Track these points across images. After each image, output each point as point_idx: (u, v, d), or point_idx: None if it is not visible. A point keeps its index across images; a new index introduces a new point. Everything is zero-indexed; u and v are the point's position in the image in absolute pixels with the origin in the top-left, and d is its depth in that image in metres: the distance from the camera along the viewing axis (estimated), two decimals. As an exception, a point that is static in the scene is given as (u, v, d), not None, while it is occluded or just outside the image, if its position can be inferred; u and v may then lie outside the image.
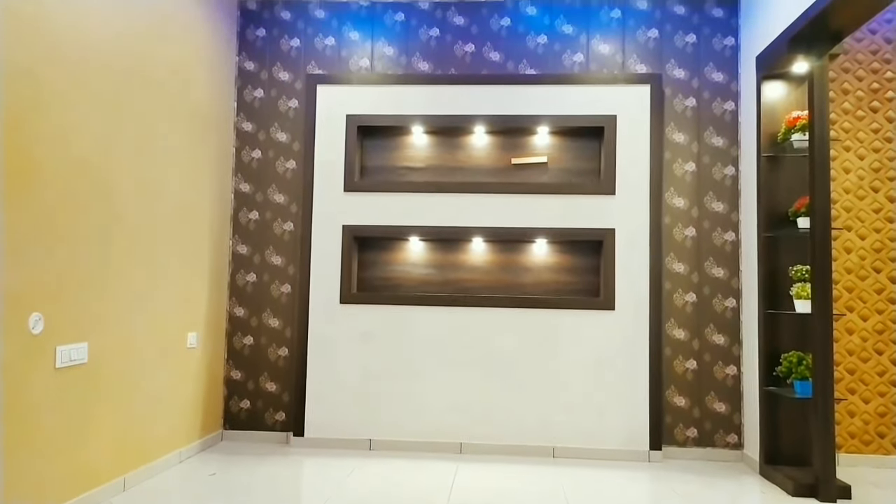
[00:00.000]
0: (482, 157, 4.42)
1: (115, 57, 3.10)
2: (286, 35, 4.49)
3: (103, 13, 3.01)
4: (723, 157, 4.22)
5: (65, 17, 2.74)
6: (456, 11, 4.41)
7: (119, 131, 3.15)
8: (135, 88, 3.28)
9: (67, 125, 2.77)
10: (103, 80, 3.02)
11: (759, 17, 3.93)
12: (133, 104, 3.26)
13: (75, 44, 2.81)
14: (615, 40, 4.31)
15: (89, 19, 2.90)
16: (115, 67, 3.11)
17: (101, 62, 2.99)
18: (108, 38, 3.05)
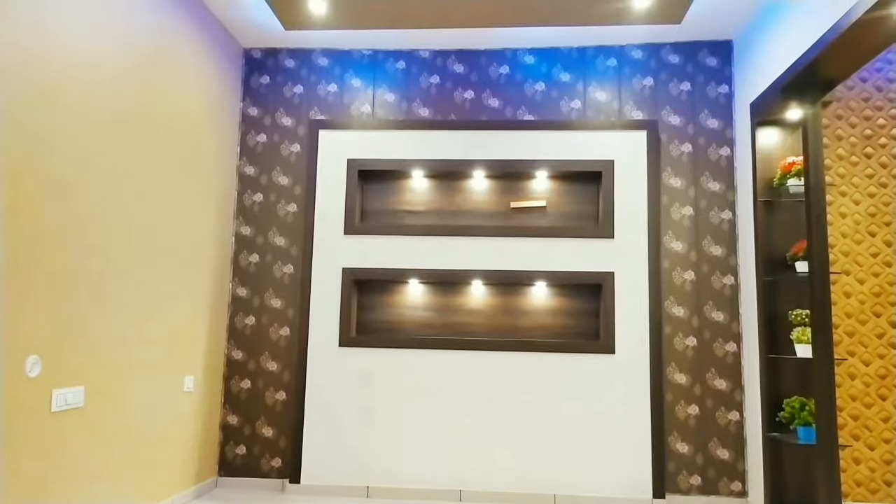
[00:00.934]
0: (482, 200, 4.46)
1: (119, 103, 3.16)
2: (290, 82, 4.59)
3: (110, 59, 3.08)
4: (720, 202, 4.26)
5: (68, 65, 2.80)
6: (456, 59, 4.52)
7: (121, 177, 3.19)
8: (138, 134, 3.33)
9: (68, 172, 2.81)
10: (107, 126, 3.07)
11: (751, 66, 4.02)
12: (136, 149, 3.31)
13: (78, 91, 2.87)
14: (611, 88, 4.40)
15: (94, 66, 2.97)
16: (120, 113, 3.17)
17: (105, 109, 3.05)
18: (114, 84, 3.12)
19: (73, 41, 2.79)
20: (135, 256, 3.30)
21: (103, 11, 3.00)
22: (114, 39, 3.08)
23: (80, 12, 2.83)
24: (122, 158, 3.18)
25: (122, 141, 3.17)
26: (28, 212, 2.54)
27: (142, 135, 3.35)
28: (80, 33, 2.83)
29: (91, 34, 2.91)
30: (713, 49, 4.36)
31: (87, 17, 2.88)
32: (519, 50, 4.48)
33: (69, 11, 2.76)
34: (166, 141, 3.59)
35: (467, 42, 4.42)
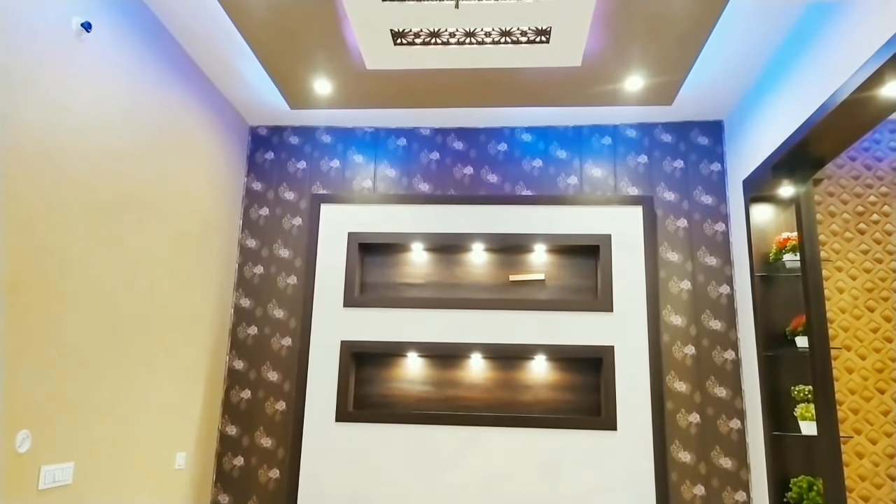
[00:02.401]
0: (481, 273, 4.49)
1: (125, 176, 3.24)
2: (293, 158, 4.71)
3: (118, 134, 3.17)
4: (717, 276, 4.29)
5: (75, 140, 2.88)
6: (455, 137, 4.66)
7: (122, 248, 3.23)
8: (141, 208, 3.39)
9: (68, 245, 2.84)
10: (111, 199, 3.13)
11: (742, 144, 4.14)
12: (138, 223, 3.36)
13: (84, 165, 2.94)
14: (607, 165, 4.52)
15: (101, 141, 3.06)
16: (124, 187, 3.24)
17: (110, 183, 3.12)
18: (120, 158, 3.20)
19: (83, 117, 2.89)
20: (131, 329, 3.29)
21: (115, 88, 3.12)
22: (122, 115, 3.19)
23: (91, 89, 2.94)
24: (123, 231, 3.22)
25: (124, 214, 3.23)
26: (25, 284, 2.56)
27: (145, 209, 3.41)
28: (89, 109, 2.93)
29: (100, 110, 3.01)
30: (704, 129, 4.50)
31: (98, 93, 2.99)
32: (517, 128, 4.62)
33: (80, 88, 2.87)
34: (169, 214, 3.66)
35: (467, 121, 4.57)
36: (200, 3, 3.25)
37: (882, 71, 2.54)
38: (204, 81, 4.01)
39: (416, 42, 3.40)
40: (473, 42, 3.40)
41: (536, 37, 3.34)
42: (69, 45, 2.76)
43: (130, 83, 3.24)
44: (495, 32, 3.31)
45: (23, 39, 2.49)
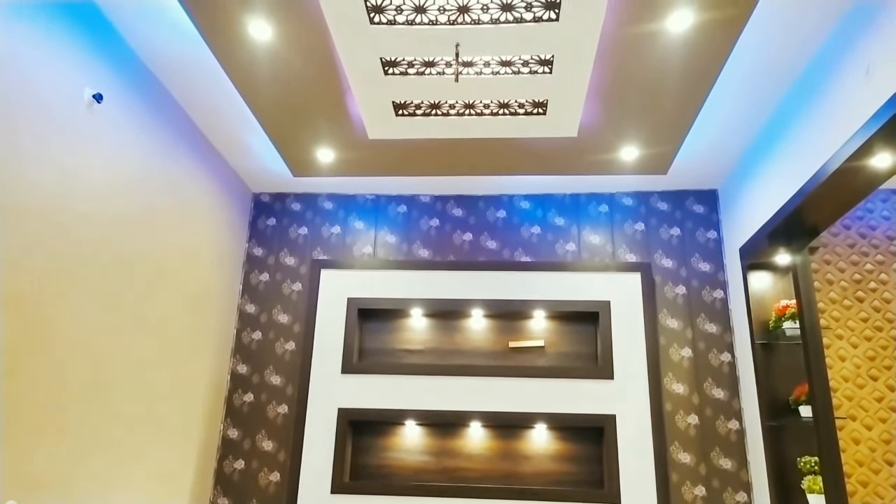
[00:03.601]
0: (480, 340, 4.46)
1: (128, 241, 3.27)
2: (295, 224, 4.77)
3: (124, 199, 3.22)
4: (718, 344, 4.26)
5: (83, 204, 2.93)
6: (455, 204, 4.73)
7: (120, 316, 3.22)
8: (143, 272, 3.41)
9: (67, 312, 2.84)
10: (113, 263, 3.15)
11: (737, 213, 4.20)
12: (138, 289, 3.37)
13: (89, 230, 2.98)
14: (604, 232, 4.57)
15: (107, 206, 3.10)
16: (127, 252, 3.26)
17: (114, 246, 3.15)
18: (125, 222, 3.24)
19: (91, 183, 2.94)
20: (125, 397, 3.24)
21: (122, 155, 3.19)
22: (129, 182, 3.25)
23: (99, 157, 3.01)
24: (123, 296, 3.23)
25: (126, 280, 3.24)
26: (23, 349, 2.55)
27: (146, 275, 3.43)
28: (97, 176, 2.99)
29: (108, 176, 3.07)
30: (699, 197, 4.58)
31: (107, 160, 3.06)
32: (515, 196, 4.70)
33: (89, 156, 2.94)
34: (170, 280, 3.67)
35: (466, 188, 4.65)
36: (210, 76, 3.37)
37: (871, 142, 2.61)
38: (210, 150, 4.11)
39: (417, 113, 3.51)
40: (473, 113, 3.50)
41: (533, 109, 3.44)
42: (80, 115, 2.85)
43: (138, 151, 3.31)
44: (494, 104, 3.42)
45: (36, 109, 2.57)
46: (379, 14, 2.71)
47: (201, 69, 3.31)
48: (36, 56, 2.58)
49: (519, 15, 2.69)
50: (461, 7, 2.66)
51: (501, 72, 3.11)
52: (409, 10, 2.68)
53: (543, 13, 2.68)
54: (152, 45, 3.19)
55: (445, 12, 2.69)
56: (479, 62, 3.05)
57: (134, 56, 3.23)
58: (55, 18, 2.68)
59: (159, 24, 3.01)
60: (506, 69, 3.09)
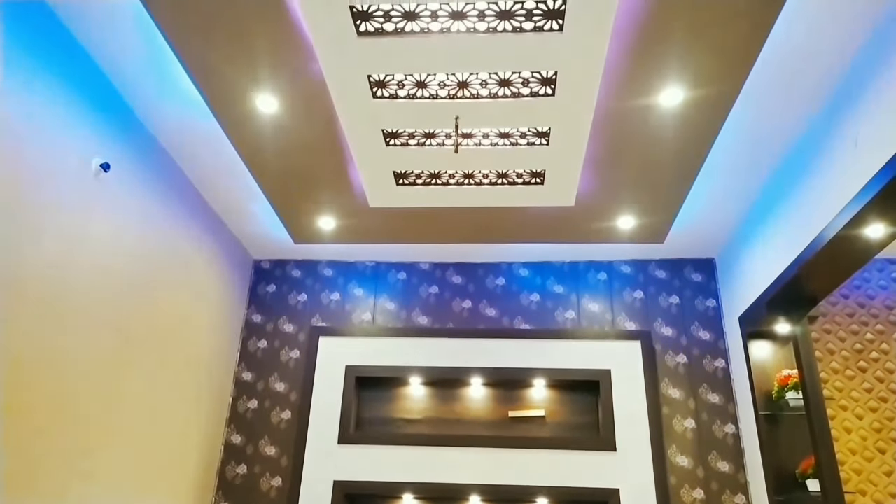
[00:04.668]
0: (479, 409, 4.39)
1: (128, 309, 3.27)
2: (295, 290, 4.77)
3: (125, 267, 3.24)
4: (721, 415, 4.19)
5: (83, 273, 2.94)
6: (454, 271, 4.75)
7: (115, 383, 3.18)
8: (141, 340, 3.39)
9: (63, 378, 2.82)
10: (112, 332, 3.14)
11: (735, 281, 4.22)
12: (134, 355, 3.35)
13: (89, 298, 2.98)
14: (604, 299, 4.57)
15: (109, 273, 3.12)
16: (127, 320, 3.26)
17: (114, 314, 3.15)
18: (125, 290, 3.25)
19: (94, 251, 2.97)
20: (114, 469, 3.16)
21: (127, 223, 3.23)
22: (132, 249, 3.28)
23: (104, 224, 3.05)
24: (120, 362, 3.20)
25: (123, 346, 3.22)
26: (15, 416, 2.51)
27: (144, 340, 3.41)
28: (101, 243, 3.02)
29: (111, 244, 3.10)
30: (697, 266, 4.61)
31: (111, 228, 3.10)
32: (514, 263, 4.73)
33: (94, 224, 2.98)
34: (167, 347, 3.65)
35: (465, 256, 4.69)
36: (215, 146, 3.46)
37: (864, 213, 2.66)
38: (213, 217, 4.16)
39: (417, 182, 3.58)
40: (472, 183, 3.57)
41: (531, 178, 3.52)
42: (87, 184, 2.91)
43: (142, 218, 3.36)
44: (492, 174, 3.49)
45: (43, 177, 2.63)
46: (381, 89, 2.81)
47: (207, 139, 3.40)
48: (47, 125, 2.65)
49: (516, 90, 2.80)
50: (461, 82, 2.76)
51: (500, 143, 3.20)
52: (411, 84, 2.78)
53: (540, 88, 2.78)
54: (160, 116, 3.29)
55: (446, 87, 2.80)
56: (478, 134, 3.14)
57: (141, 126, 3.33)
58: (67, 89, 2.77)
59: (168, 95, 3.11)
60: (504, 141, 3.18)
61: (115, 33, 2.75)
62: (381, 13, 2.41)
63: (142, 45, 2.80)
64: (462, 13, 2.39)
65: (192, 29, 2.55)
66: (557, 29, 2.44)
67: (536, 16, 2.39)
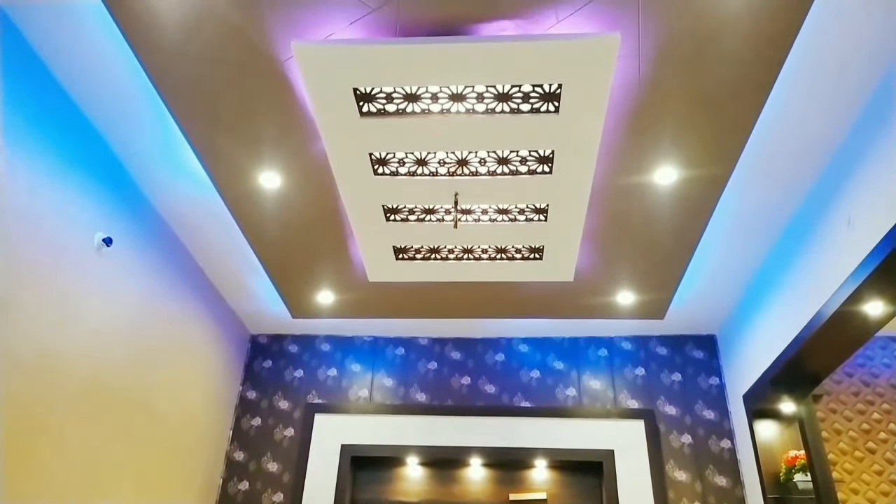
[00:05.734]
0: (479, 491, 4.24)
1: (122, 387, 3.21)
2: (291, 366, 4.71)
3: (121, 344, 3.21)
4: (729, 498, 4.04)
5: (79, 350, 2.92)
6: (453, 347, 4.70)
7: (101, 460, 3.09)
8: (130, 415, 3.31)
9: (55, 453, 2.74)
10: (104, 409, 3.07)
11: (738, 358, 4.17)
12: (125, 431, 3.26)
13: (84, 375, 2.94)
14: (605, 376, 4.50)
15: (105, 351, 3.09)
16: (120, 398, 3.19)
17: (106, 392, 3.09)
18: (119, 368, 3.20)
19: (91, 325, 2.95)
20: (101, 551, 3.03)
21: (126, 297, 3.23)
22: (129, 323, 3.26)
23: (103, 299, 3.04)
24: (107, 438, 3.12)
25: (113, 421, 3.15)
26: (6, 492, 2.42)
27: (136, 417, 3.34)
28: (99, 317, 3.01)
29: (109, 318, 3.09)
30: (698, 342, 4.57)
31: (110, 302, 3.09)
32: (514, 339, 4.69)
33: (93, 298, 2.97)
34: (159, 424, 3.56)
35: (464, 331, 4.65)
36: (217, 220, 3.50)
37: (861, 291, 2.66)
38: (211, 291, 4.16)
39: (416, 257, 3.60)
40: (471, 258, 3.60)
41: (530, 254, 3.54)
42: (88, 258, 2.93)
43: (140, 292, 3.36)
44: (491, 250, 3.52)
45: (44, 251, 2.65)
46: (383, 166, 2.87)
47: (209, 213, 3.45)
48: (51, 198, 2.70)
49: (514, 168, 2.86)
50: (460, 160, 2.83)
51: (498, 219, 3.24)
52: (412, 162, 2.85)
53: (537, 166, 2.84)
54: (164, 190, 3.35)
55: (445, 165, 2.86)
56: (477, 210, 3.19)
57: (145, 199, 3.38)
58: (74, 163, 2.84)
59: (173, 171, 3.18)
60: (503, 216, 3.22)
61: (125, 111, 2.85)
62: (383, 95, 2.50)
63: (150, 123, 2.89)
64: (461, 95, 2.48)
65: (199, 110, 2.64)
66: (554, 111, 2.52)
67: (533, 98, 2.48)
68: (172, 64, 2.45)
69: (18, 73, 2.49)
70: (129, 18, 2.28)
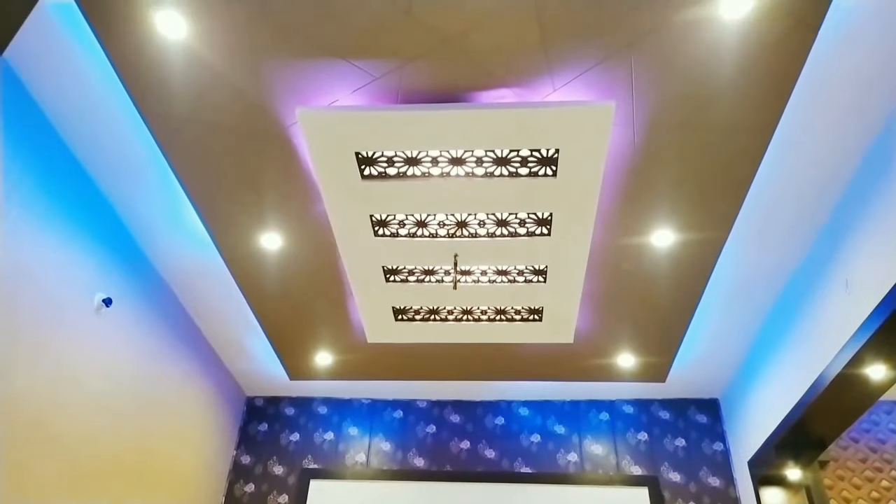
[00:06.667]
0: (478, 563, 4.09)
1: (116, 446, 3.15)
2: (287, 429, 4.62)
3: (116, 402, 3.16)
4: (738, 570, 3.90)
5: (75, 408, 2.88)
6: (452, 410, 4.63)
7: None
8: (121, 478, 3.23)
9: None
10: (97, 470, 3.00)
11: (742, 423, 4.10)
12: (113, 494, 3.18)
13: (78, 434, 2.89)
14: (607, 441, 4.41)
15: (100, 409, 3.04)
16: (112, 454, 3.13)
17: (100, 452, 3.03)
18: (113, 427, 3.14)
19: (87, 386, 2.92)
20: None
21: (124, 358, 3.20)
22: (126, 383, 3.22)
23: (101, 359, 3.02)
24: (97, 501, 3.04)
25: (103, 483, 3.07)
26: (-18, 568, 2.33)
27: (127, 485, 3.25)
28: (96, 378, 2.98)
29: (104, 376, 3.06)
30: (700, 406, 4.50)
31: (107, 363, 3.07)
32: (514, 402, 4.62)
33: (91, 358, 2.95)
34: (151, 491, 3.46)
35: (463, 393, 4.59)
36: (217, 282, 3.51)
37: (862, 354, 2.65)
38: (208, 352, 4.13)
39: (416, 318, 3.59)
40: (470, 319, 3.59)
41: (530, 315, 3.54)
42: (88, 319, 2.92)
43: (137, 353, 3.34)
44: (491, 311, 3.52)
45: (44, 312, 2.65)
46: (383, 227, 2.91)
47: (209, 273, 3.47)
48: (54, 261, 2.71)
49: (513, 230, 2.90)
50: (459, 222, 2.87)
51: (498, 280, 3.26)
52: (412, 224, 2.89)
53: (536, 228, 2.88)
54: (165, 251, 3.37)
55: (445, 226, 2.90)
56: (477, 271, 3.21)
57: (146, 259, 3.40)
58: (77, 224, 2.87)
59: (174, 231, 3.22)
60: (502, 278, 3.24)
61: (130, 172, 2.90)
62: (384, 158, 2.56)
63: (154, 184, 2.94)
64: (461, 159, 2.54)
65: (204, 172, 2.70)
66: (551, 174, 2.57)
67: (531, 162, 2.54)
68: (179, 128, 2.51)
69: (27, 134, 2.55)
70: (140, 87, 2.36)
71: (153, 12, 2.10)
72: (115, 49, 2.24)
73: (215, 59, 2.24)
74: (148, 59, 2.26)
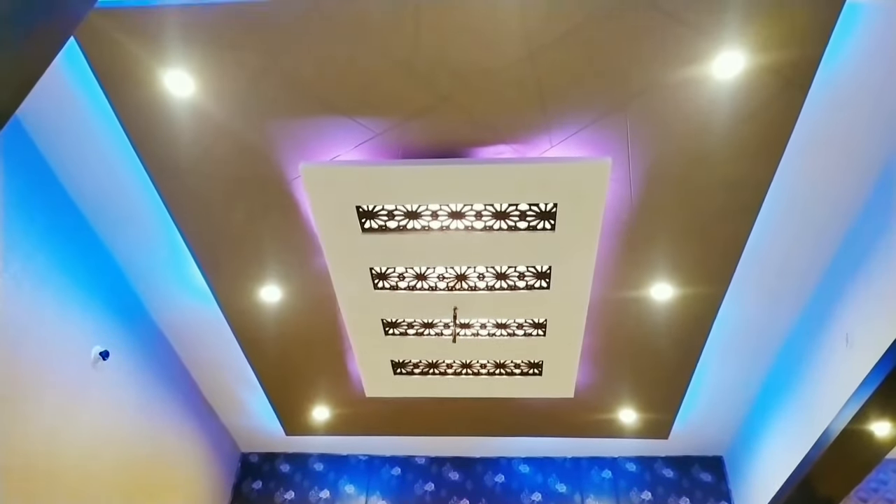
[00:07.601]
0: None
1: (102, 497, 3.08)
2: (282, 487, 4.51)
3: (110, 459, 3.11)
4: None
5: (70, 465, 2.83)
6: (451, 467, 4.53)
7: (82, 589, 2.90)
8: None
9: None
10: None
11: (746, 481, 4.01)
12: (107, 557, 3.09)
13: (74, 486, 2.83)
14: (610, 501, 4.30)
15: (94, 464, 2.99)
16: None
17: (86, 499, 2.96)
18: (107, 482, 3.08)
19: (80, 436, 2.88)
20: None
21: (119, 411, 3.16)
22: (118, 436, 3.17)
23: (96, 412, 2.99)
24: (87, 568, 2.94)
25: (93, 548, 2.99)
26: None
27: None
28: (88, 428, 2.94)
29: (98, 430, 3.01)
30: (704, 464, 4.41)
31: (103, 416, 3.03)
32: (514, 459, 4.53)
33: (87, 411, 2.92)
34: (140, 549, 3.37)
35: (463, 450, 4.50)
36: (215, 335, 3.49)
37: (866, 410, 2.62)
38: (204, 406, 4.07)
39: (415, 372, 3.56)
40: (470, 373, 3.55)
41: (529, 369, 3.51)
42: (84, 372, 2.90)
43: (133, 406, 3.29)
44: (490, 364, 3.49)
45: (43, 365, 2.63)
46: (383, 280, 2.92)
47: (207, 327, 3.46)
48: (53, 315, 2.71)
49: (513, 283, 2.90)
50: (459, 275, 2.88)
51: (497, 333, 3.24)
52: (411, 277, 2.90)
53: (535, 282, 2.89)
54: (164, 304, 3.37)
55: (444, 279, 2.91)
56: (476, 324, 3.20)
57: (145, 313, 3.40)
58: (77, 277, 2.88)
59: (174, 284, 3.23)
60: (501, 331, 3.23)
61: (132, 225, 2.94)
62: (385, 212, 2.59)
63: (155, 237, 2.97)
64: (460, 213, 2.57)
65: (206, 225, 2.73)
66: (550, 228, 2.60)
67: (530, 216, 2.57)
68: (184, 181, 2.55)
69: (34, 188, 2.59)
70: (147, 142, 2.41)
71: (162, 72, 2.17)
72: (124, 106, 2.30)
73: (221, 115, 2.30)
74: (156, 115, 2.31)
